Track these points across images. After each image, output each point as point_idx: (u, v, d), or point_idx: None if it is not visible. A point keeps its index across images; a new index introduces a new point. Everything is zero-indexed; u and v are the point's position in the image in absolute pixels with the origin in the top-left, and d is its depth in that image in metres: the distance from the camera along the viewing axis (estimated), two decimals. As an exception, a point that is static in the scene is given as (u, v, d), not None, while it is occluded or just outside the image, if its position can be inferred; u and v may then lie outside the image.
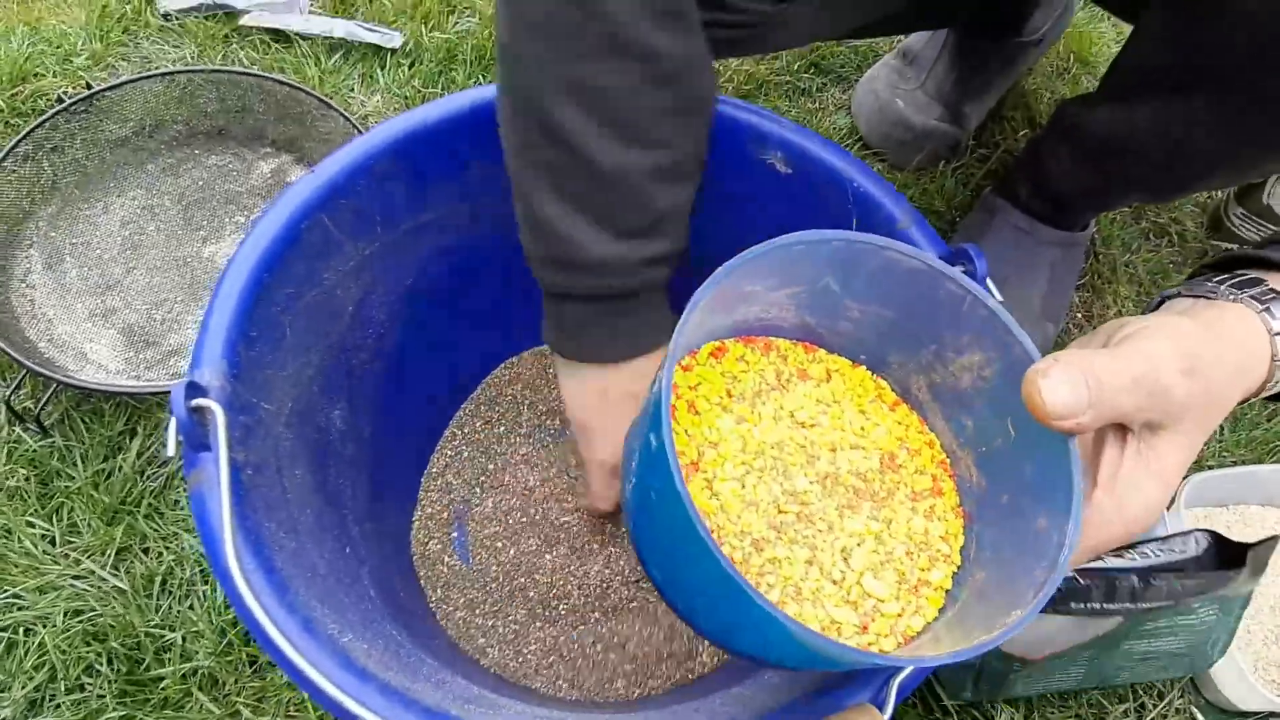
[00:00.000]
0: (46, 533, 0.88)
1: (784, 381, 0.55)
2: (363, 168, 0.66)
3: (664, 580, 0.49)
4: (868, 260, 0.51)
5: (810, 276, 0.52)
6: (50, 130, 1.05)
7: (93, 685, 0.81)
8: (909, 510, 0.51)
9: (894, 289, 0.52)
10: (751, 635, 0.44)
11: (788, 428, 0.53)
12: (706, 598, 0.45)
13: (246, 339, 0.59)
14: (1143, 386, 0.43)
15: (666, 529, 0.45)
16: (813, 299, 0.54)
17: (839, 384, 0.56)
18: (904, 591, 0.49)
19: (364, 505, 0.73)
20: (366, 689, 0.49)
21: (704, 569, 0.41)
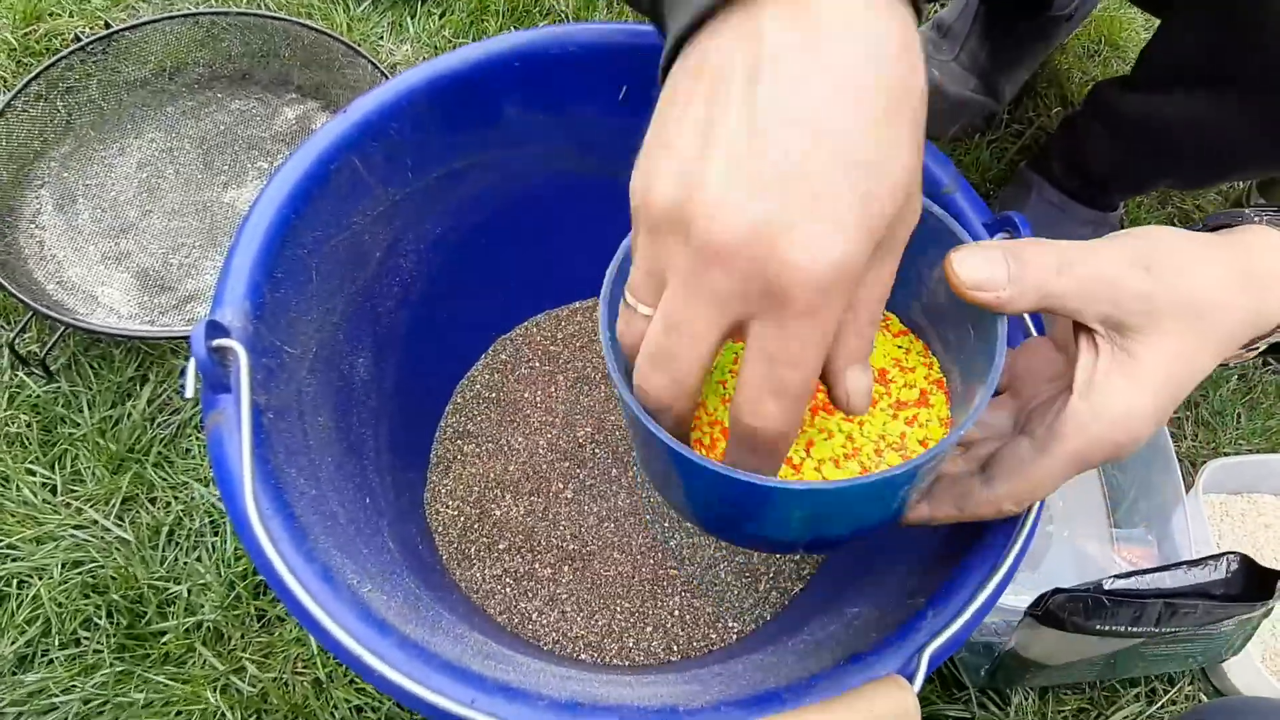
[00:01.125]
0: (47, 481, 0.86)
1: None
2: (396, 109, 0.64)
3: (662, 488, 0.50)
4: None
5: None
6: (65, 70, 1.02)
7: (90, 639, 0.79)
8: (888, 416, 0.51)
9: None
10: (733, 509, 0.45)
11: None
12: (691, 492, 0.45)
13: (271, 280, 0.57)
14: (1078, 272, 0.42)
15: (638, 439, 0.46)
16: None
17: None
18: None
19: (385, 456, 0.71)
20: (386, 642, 0.48)
21: (667, 461, 0.42)
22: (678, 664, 0.73)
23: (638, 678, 0.62)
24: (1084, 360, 0.44)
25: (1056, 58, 1.26)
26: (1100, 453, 0.43)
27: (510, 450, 0.83)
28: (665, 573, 0.78)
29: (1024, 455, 0.45)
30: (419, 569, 0.66)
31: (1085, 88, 1.24)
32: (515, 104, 0.68)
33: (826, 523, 0.45)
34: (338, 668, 0.78)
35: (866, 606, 0.59)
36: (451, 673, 0.48)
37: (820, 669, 0.52)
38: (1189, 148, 0.84)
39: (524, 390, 0.86)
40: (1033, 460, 0.44)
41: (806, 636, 0.60)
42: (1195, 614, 0.69)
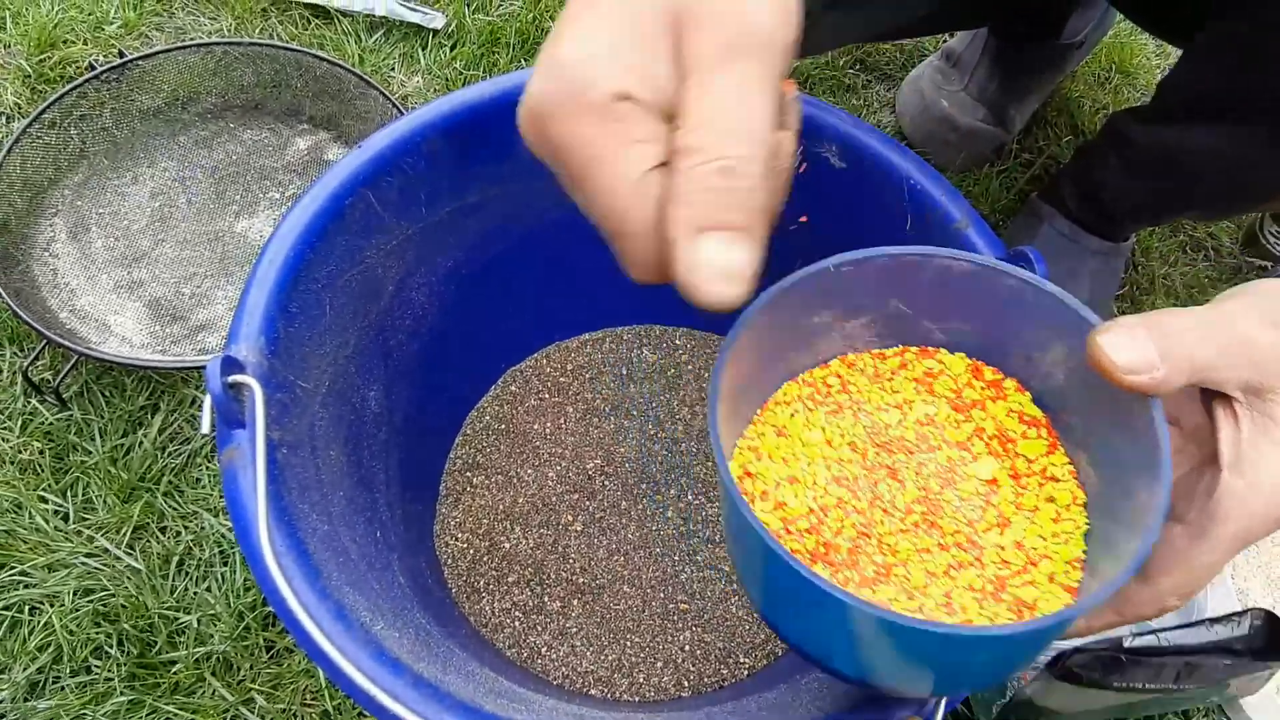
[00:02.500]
0: (60, 508, 0.86)
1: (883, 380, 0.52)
2: (410, 145, 0.64)
3: (783, 625, 0.45)
4: (918, 273, 0.48)
5: (873, 301, 0.50)
6: (79, 98, 1.03)
7: (100, 668, 0.79)
8: (1023, 521, 0.47)
9: (958, 299, 0.49)
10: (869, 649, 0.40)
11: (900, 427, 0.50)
12: (818, 628, 0.41)
13: (286, 315, 0.57)
14: (1218, 337, 0.39)
15: (746, 552, 0.42)
16: (888, 326, 0.51)
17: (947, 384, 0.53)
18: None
19: (395, 490, 0.71)
20: (400, 682, 0.47)
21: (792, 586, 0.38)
22: (689, 700, 0.73)
23: (649, 716, 0.62)
24: (1226, 432, 0.41)
25: (1067, 86, 1.26)
26: (1264, 528, 0.40)
27: (519, 482, 0.83)
28: (676, 607, 0.78)
29: (1180, 545, 0.41)
30: (429, 604, 0.66)
31: (1097, 116, 1.24)
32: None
33: (973, 668, 0.41)
34: (345, 701, 0.78)
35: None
36: (465, 713, 0.47)
37: (836, 709, 0.51)
38: (1211, 179, 0.83)
39: (533, 422, 0.86)
40: (1192, 549, 0.41)
41: (821, 675, 0.60)
42: (1216, 671, 0.69)
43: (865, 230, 0.72)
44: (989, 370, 0.51)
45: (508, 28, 1.20)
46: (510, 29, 1.20)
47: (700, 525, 0.82)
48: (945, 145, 1.15)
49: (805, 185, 0.72)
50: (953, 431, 0.49)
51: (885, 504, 0.46)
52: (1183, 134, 0.83)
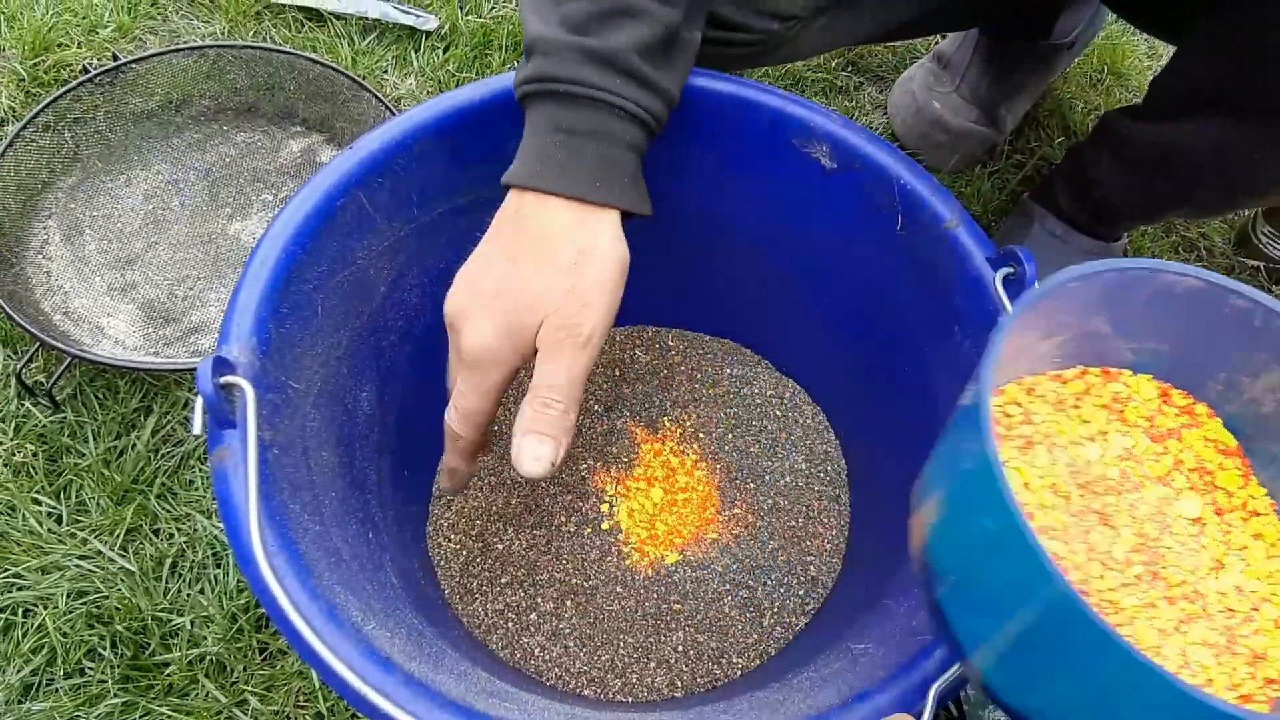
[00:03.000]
0: (53, 511, 0.86)
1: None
2: (402, 146, 0.64)
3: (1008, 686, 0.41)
4: (1140, 288, 0.46)
5: (1077, 320, 0.47)
6: (73, 101, 1.03)
7: (94, 670, 0.79)
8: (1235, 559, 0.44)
9: (1170, 317, 0.47)
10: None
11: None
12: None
13: (277, 316, 0.58)
14: None
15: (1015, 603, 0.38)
16: (1079, 347, 0.49)
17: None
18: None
19: (388, 491, 0.71)
20: (391, 680, 0.48)
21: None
22: (682, 700, 0.73)
23: (642, 716, 0.62)
24: None
25: (1059, 87, 1.27)
26: None
27: (512, 483, 0.83)
28: (669, 607, 0.78)
29: None
30: (421, 604, 0.66)
31: (1089, 117, 1.24)
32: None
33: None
34: (339, 702, 0.78)
35: (873, 643, 0.59)
36: (457, 712, 0.48)
37: (827, 707, 0.51)
38: (1205, 176, 0.83)
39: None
40: None
41: (812, 673, 0.60)
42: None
43: (855, 230, 0.72)
44: (1178, 394, 0.49)
45: (500, 30, 1.21)
46: (503, 31, 1.21)
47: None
48: (937, 147, 1.15)
49: (797, 186, 0.72)
50: (1153, 465, 0.46)
51: (1101, 555, 0.42)
52: (1176, 131, 0.83)
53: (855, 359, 0.80)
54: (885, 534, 0.74)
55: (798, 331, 0.86)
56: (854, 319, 0.78)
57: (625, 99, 0.57)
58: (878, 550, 0.75)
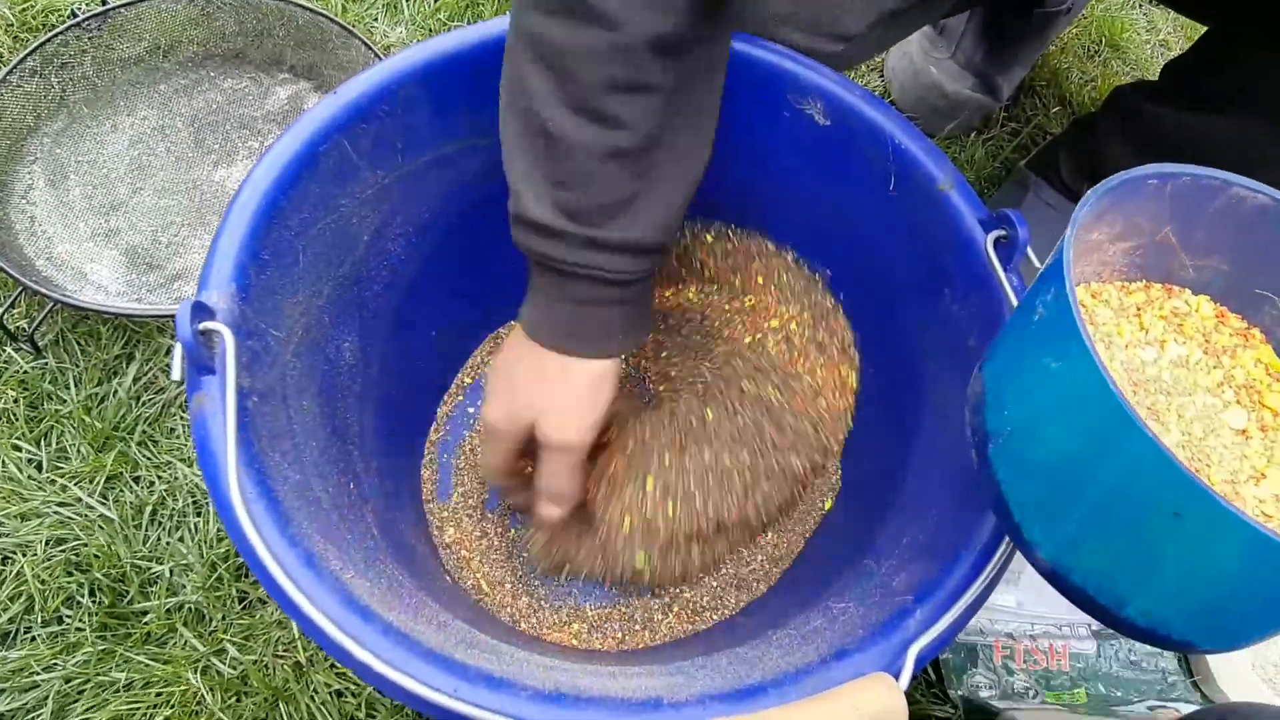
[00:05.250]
0: (33, 457, 0.85)
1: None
2: (387, 92, 0.63)
3: (1068, 541, 0.43)
4: (1211, 199, 0.47)
5: (1150, 225, 0.48)
6: (61, 46, 1.01)
7: (72, 617, 0.79)
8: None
9: (1235, 234, 0.48)
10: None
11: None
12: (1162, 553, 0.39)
13: (258, 262, 0.57)
14: None
15: (1080, 465, 0.40)
16: (1146, 256, 0.50)
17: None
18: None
19: (370, 442, 0.70)
20: (369, 629, 0.47)
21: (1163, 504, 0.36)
22: (661, 654, 0.73)
23: (622, 669, 0.62)
24: None
25: (1056, 57, 1.26)
26: None
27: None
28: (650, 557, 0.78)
29: None
30: (403, 555, 0.65)
31: (1085, 87, 1.23)
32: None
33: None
34: (318, 652, 0.78)
35: (853, 602, 0.59)
36: (435, 661, 0.47)
37: (805, 663, 0.51)
38: (1219, 164, 0.82)
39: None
40: None
41: (792, 630, 0.60)
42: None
43: (848, 188, 0.71)
44: (1234, 317, 0.50)
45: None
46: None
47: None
48: (934, 111, 1.14)
49: (790, 141, 0.72)
50: (1204, 376, 0.48)
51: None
52: (1199, 121, 0.81)
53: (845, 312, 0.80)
54: (869, 493, 0.74)
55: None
56: (844, 276, 0.78)
57: (633, 272, 0.63)
58: (861, 509, 0.75)
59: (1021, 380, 0.43)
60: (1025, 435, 0.44)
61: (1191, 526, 0.36)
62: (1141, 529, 0.39)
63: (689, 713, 0.48)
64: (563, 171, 0.58)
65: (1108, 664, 0.84)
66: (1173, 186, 0.46)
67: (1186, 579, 0.39)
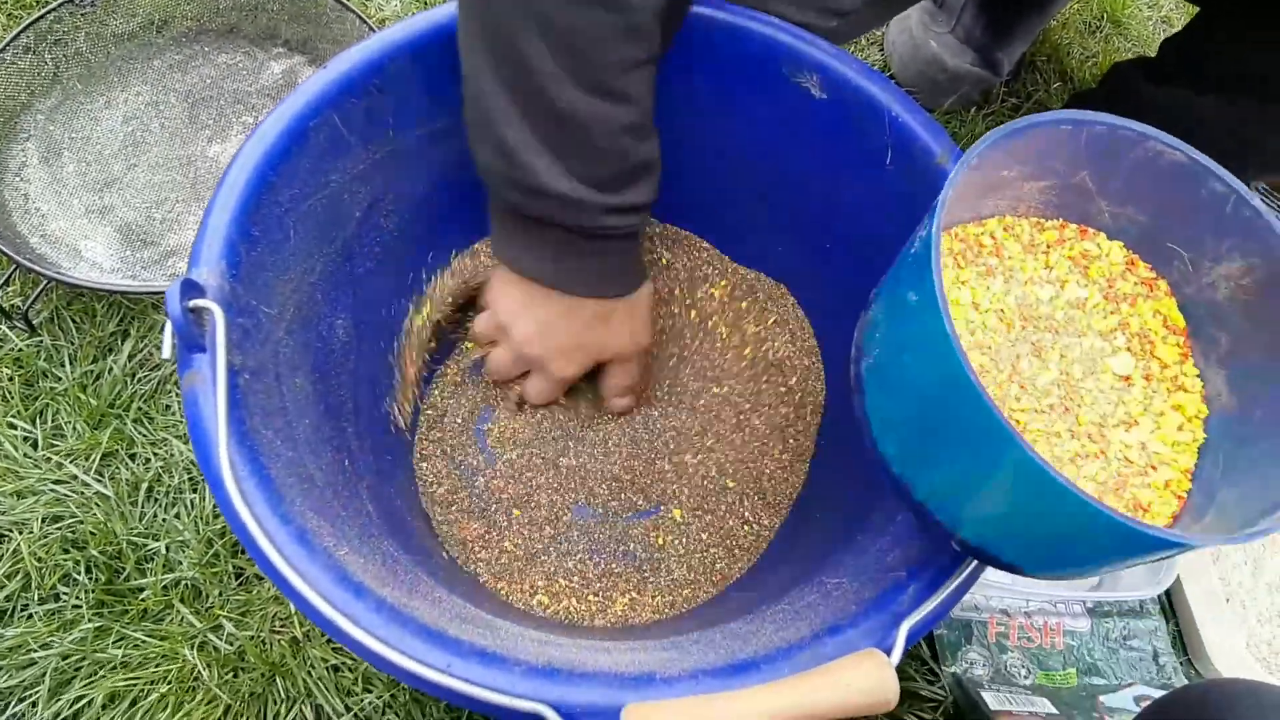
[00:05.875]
0: (28, 435, 0.85)
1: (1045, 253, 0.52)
2: (377, 66, 0.63)
3: (909, 458, 0.46)
4: (1129, 150, 0.48)
5: (1066, 168, 0.49)
6: (54, 22, 1.01)
7: (68, 595, 0.79)
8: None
9: (1152, 187, 0.49)
10: (1024, 520, 0.41)
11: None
12: (970, 475, 0.42)
13: (248, 239, 0.56)
14: None
15: (925, 394, 0.43)
16: (1063, 196, 0.51)
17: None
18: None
19: (365, 419, 0.70)
20: (362, 605, 0.47)
21: (978, 439, 0.39)
22: (655, 629, 0.73)
23: (615, 644, 0.62)
24: None
25: (1057, 32, 1.25)
26: None
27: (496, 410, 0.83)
28: (644, 533, 0.78)
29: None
30: (398, 532, 0.65)
31: (1086, 63, 1.22)
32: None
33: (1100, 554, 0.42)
34: (315, 628, 0.78)
35: (846, 578, 0.59)
36: (428, 637, 0.47)
37: (798, 639, 0.51)
38: (1214, 145, 0.81)
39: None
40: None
41: (785, 606, 0.60)
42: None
43: (845, 161, 0.71)
44: (1144, 266, 0.51)
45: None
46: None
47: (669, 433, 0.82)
48: (934, 86, 1.13)
49: (786, 115, 0.71)
50: (1099, 320, 0.49)
51: (1024, 379, 0.46)
52: (1191, 100, 0.81)
53: (838, 288, 0.80)
54: (860, 468, 0.74)
55: (784, 258, 0.85)
56: (840, 249, 0.77)
57: (640, 223, 0.68)
58: (853, 485, 0.74)
59: (891, 307, 0.45)
60: (888, 357, 0.46)
61: (1002, 463, 0.39)
62: (968, 460, 0.42)
63: (681, 687, 0.48)
64: (578, 147, 0.60)
65: (1100, 642, 0.84)
66: (1088, 134, 0.47)
67: (1006, 510, 0.42)
